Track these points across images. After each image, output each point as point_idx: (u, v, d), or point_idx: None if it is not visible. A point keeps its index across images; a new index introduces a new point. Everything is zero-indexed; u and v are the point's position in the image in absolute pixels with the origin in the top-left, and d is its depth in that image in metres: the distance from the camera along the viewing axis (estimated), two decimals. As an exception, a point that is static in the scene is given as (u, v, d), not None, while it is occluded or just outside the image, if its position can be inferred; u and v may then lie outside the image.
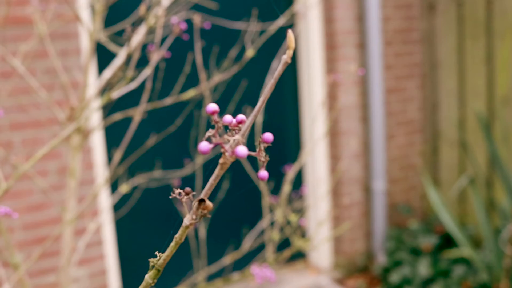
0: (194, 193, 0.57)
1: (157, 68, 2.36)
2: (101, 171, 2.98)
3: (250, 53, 1.93)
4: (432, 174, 4.15)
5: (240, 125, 0.58)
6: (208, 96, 1.94)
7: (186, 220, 0.57)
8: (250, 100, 2.81)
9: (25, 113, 2.61)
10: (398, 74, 3.96)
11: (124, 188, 2.59)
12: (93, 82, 2.52)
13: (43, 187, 2.40)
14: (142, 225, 3.23)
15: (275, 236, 2.16)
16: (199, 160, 2.52)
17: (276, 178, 2.95)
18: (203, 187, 2.68)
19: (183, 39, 1.85)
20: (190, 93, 1.95)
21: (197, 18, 1.93)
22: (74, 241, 2.53)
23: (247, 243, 2.48)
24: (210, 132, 0.55)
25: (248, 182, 2.72)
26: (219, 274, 3.25)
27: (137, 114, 1.79)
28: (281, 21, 2.12)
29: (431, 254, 3.69)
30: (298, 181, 3.68)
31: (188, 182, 2.74)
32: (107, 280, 3.05)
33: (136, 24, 1.93)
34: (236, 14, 2.88)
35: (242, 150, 0.52)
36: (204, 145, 0.53)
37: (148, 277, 0.59)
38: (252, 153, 0.57)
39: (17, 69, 2.00)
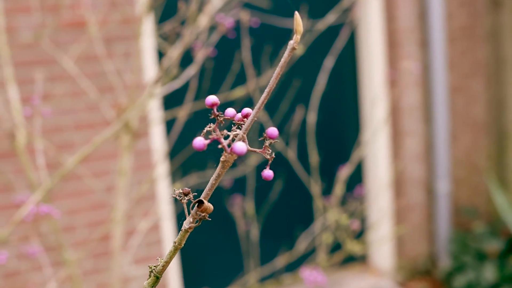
0: (195, 193, 0.53)
1: (207, 67, 2.34)
2: (160, 170, 2.99)
3: (298, 50, 1.88)
4: (498, 176, 3.99)
5: (245, 120, 0.54)
6: (256, 95, 1.91)
7: (186, 224, 0.53)
8: (303, 99, 2.75)
9: (79, 114, 2.64)
10: (463, 72, 3.82)
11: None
12: (143, 81, 2.52)
13: (98, 187, 2.42)
14: (209, 223, 3.23)
15: (327, 238, 2.11)
16: (252, 161, 2.49)
17: (334, 179, 2.88)
18: (255, 189, 2.66)
19: (229, 37, 1.82)
20: (238, 92, 1.92)
21: (245, 16, 1.90)
22: (133, 240, 2.54)
23: (300, 245, 2.43)
24: (209, 127, 0.51)
25: (301, 184, 2.66)
26: (271, 275, 3.21)
27: (182, 113, 1.77)
28: (331, 19, 2.06)
29: (497, 259, 3.54)
30: (358, 182, 3.60)
31: (240, 183, 2.71)
32: (166, 280, 3.06)
33: (185, 23, 1.91)
34: (290, 12, 2.84)
35: (240, 146, 0.48)
36: (198, 141, 0.49)
37: (147, 284, 0.55)
38: (257, 150, 0.53)
39: (69, 71, 2.02)
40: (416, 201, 3.80)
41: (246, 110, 0.54)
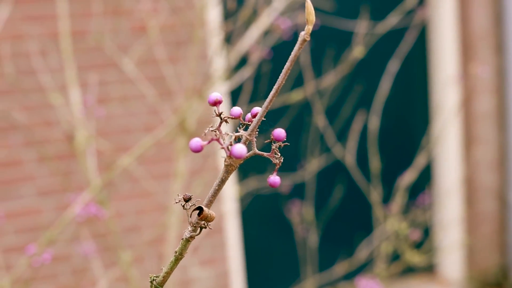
0: (198, 199, 0.49)
1: (264, 70, 2.31)
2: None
3: (357, 52, 1.82)
4: None
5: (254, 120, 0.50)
6: (315, 99, 1.86)
7: (187, 233, 0.49)
8: (366, 104, 2.68)
9: (139, 116, 2.66)
10: (541, 77, 3.63)
11: (237, 191, 2.56)
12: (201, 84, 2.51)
13: (158, 189, 2.42)
14: (267, 228, 3.19)
15: (387, 247, 2.03)
16: (313, 167, 2.44)
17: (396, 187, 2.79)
18: (315, 196, 2.61)
19: (285, 39, 1.78)
20: (296, 96, 1.87)
21: (302, 18, 1.85)
22: (196, 242, 2.53)
23: (360, 254, 2.36)
24: (212, 127, 0.47)
25: (360, 192, 2.58)
26: (328, 283, 3.14)
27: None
28: (393, 20, 1.99)
29: None
30: (422, 189, 3.48)
31: (299, 189, 2.66)
32: (230, 282, 3.04)
33: (244, 25, 1.89)
34: (354, 14, 2.77)
35: (239, 149, 0.44)
36: (195, 142, 0.45)
37: (147, 295, 0.52)
38: (265, 154, 0.48)
39: (129, 74, 2.03)
40: (488, 211, 3.64)
41: (256, 109, 0.49)
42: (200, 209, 0.47)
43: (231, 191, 2.94)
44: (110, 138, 2.54)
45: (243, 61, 1.98)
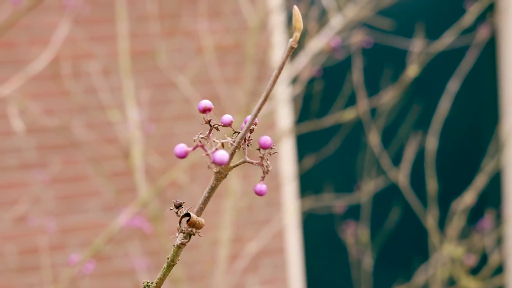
0: (191, 207, 0.49)
1: (316, 88, 2.30)
2: (288, 191, 2.97)
3: (411, 71, 1.79)
4: None
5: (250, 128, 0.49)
6: (369, 119, 1.83)
7: (178, 239, 0.49)
8: (424, 124, 2.62)
9: (192, 135, 2.69)
10: None
11: (292, 209, 2.55)
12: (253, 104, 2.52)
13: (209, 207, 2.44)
14: (322, 248, 3.15)
15: (442, 273, 1.97)
16: (369, 188, 2.40)
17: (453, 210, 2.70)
18: (371, 218, 2.56)
19: (336, 57, 1.77)
20: (349, 115, 1.85)
21: (357, 37, 1.84)
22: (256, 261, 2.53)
23: (418, 278, 2.29)
24: (202, 134, 0.47)
25: (419, 213, 2.52)
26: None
27: (283, 133, 1.74)
28: (449, 39, 1.94)
29: None
30: (482, 213, 3.35)
31: (354, 210, 2.62)
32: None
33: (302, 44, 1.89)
34: (409, 33, 2.73)
35: (220, 156, 0.43)
36: (179, 148, 0.45)
37: (141, 302, 0.52)
38: (253, 162, 0.48)
39: (184, 93, 2.07)
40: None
41: (249, 117, 0.49)
42: (188, 215, 0.47)
43: (292, 210, 2.93)
44: (167, 156, 2.59)
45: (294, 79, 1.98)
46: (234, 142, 0.47)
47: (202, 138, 0.47)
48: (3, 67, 2.68)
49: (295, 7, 0.46)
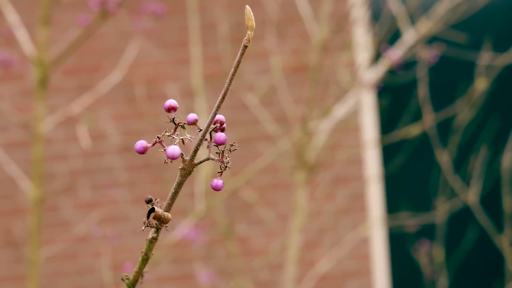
0: (157, 200, 0.51)
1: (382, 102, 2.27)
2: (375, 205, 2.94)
3: (480, 85, 1.74)
4: None
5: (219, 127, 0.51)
6: (433, 134, 1.79)
7: (150, 234, 0.51)
8: (501, 140, 2.51)
9: (253, 143, 2.71)
10: None
11: (364, 231, 2.52)
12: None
13: (270, 216, 2.45)
14: (396, 267, 3.08)
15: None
16: (443, 208, 2.34)
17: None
18: (445, 237, 2.48)
19: (397, 71, 1.75)
20: (415, 130, 1.82)
21: (423, 52, 1.82)
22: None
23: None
24: (168, 131, 0.49)
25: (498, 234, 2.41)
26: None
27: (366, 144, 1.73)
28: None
29: None
30: None
31: (428, 229, 2.55)
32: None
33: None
34: (477, 46, 2.64)
35: (172, 150, 0.45)
36: (139, 144, 0.48)
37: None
38: (215, 159, 0.49)
39: (249, 103, 2.11)
40: None
41: (219, 116, 0.51)
42: (152, 210, 0.49)
43: (380, 231, 2.89)
44: (231, 166, 2.63)
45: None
46: (201, 138, 0.48)
47: (168, 136, 0.50)
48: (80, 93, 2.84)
49: (247, 7, 0.47)
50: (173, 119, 0.50)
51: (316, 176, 2.10)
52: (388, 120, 2.31)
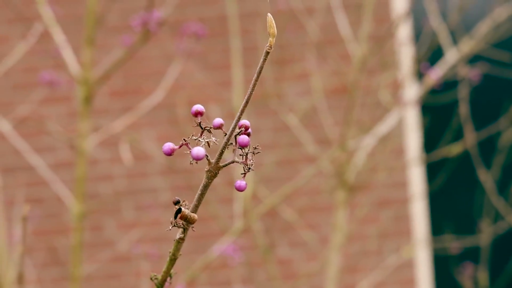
0: (185, 202, 0.53)
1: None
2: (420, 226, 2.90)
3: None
4: None
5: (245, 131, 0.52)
6: (475, 153, 1.77)
7: (177, 235, 0.53)
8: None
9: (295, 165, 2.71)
10: None
11: (407, 253, 2.48)
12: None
13: (312, 238, 2.45)
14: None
15: None
16: (489, 230, 2.30)
17: None
18: (488, 262, 2.42)
19: (437, 89, 1.74)
20: (456, 149, 1.80)
21: (463, 70, 1.81)
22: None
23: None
24: (195, 136, 0.51)
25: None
26: None
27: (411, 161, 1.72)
28: None
29: None
30: None
31: (472, 251, 2.49)
32: None
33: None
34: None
35: (196, 151, 0.47)
36: (167, 146, 0.49)
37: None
38: (239, 161, 0.51)
39: (290, 124, 2.12)
40: None
41: (243, 121, 0.52)
42: (180, 210, 0.51)
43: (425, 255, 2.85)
44: (272, 187, 2.64)
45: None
46: (226, 141, 0.50)
47: (194, 139, 0.51)
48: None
49: (269, 15, 0.49)
50: (200, 123, 0.52)
51: (356, 196, 2.09)
52: (430, 139, 2.29)
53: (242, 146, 0.49)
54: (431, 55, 2.04)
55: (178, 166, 2.77)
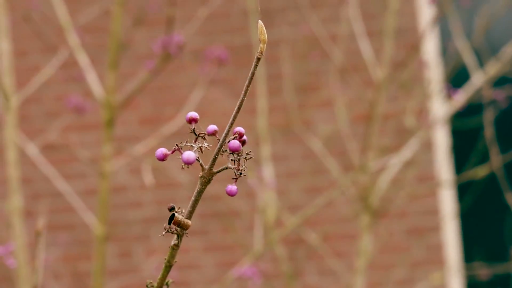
0: (180, 210, 0.53)
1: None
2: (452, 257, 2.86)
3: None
4: None
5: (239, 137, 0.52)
6: (500, 174, 1.74)
7: (172, 241, 0.53)
8: None
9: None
10: None
11: (437, 279, 2.44)
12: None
13: (340, 267, 2.42)
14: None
15: None
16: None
17: None
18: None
19: (460, 110, 1.72)
20: (482, 171, 1.78)
21: (490, 93, 1.79)
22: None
23: None
24: (189, 142, 0.51)
25: None
26: None
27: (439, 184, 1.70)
28: None
29: None
30: None
31: (504, 279, 2.44)
32: None
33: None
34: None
35: (186, 155, 0.47)
36: (159, 151, 0.50)
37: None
38: (232, 167, 0.51)
39: (315, 149, 2.12)
40: None
41: (238, 128, 0.53)
42: (173, 215, 0.51)
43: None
44: (296, 213, 2.63)
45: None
46: (219, 147, 0.50)
47: (188, 145, 0.51)
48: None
49: (260, 22, 0.49)
50: (193, 129, 0.52)
51: (385, 223, 2.07)
52: (456, 162, 2.26)
53: (233, 151, 0.49)
54: (456, 77, 2.03)
55: (205, 193, 2.77)
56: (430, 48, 2.75)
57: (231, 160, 0.50)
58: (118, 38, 1.62)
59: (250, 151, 0.51)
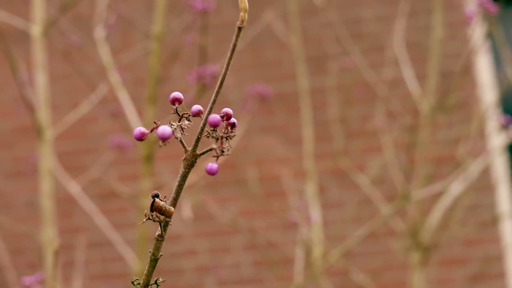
0: (166, 199, 0.50)
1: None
2: None
3: None
4: None
5: (228, 120, 0.49)
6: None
7: (157, 232, 0.50)
8: None
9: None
10: None
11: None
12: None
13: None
14: None
15: None
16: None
17: None
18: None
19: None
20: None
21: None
22: None
23: None
24: (174, 122, 0.49)
25: None
26: None
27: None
28: None
29: None
30: None
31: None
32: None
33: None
34: None
35: (161, 130, 0.44)
36: (137, 130, 0.47)
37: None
38: (215, 147, 0.47)
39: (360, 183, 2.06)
40: None
41: (226, 109, 0.50)
42: (153, 201, 0.48)
43: None
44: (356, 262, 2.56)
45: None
46: (202, 126, 0.48)
47: (172, 126, 0.49)
48: (227, 187, 2.93)
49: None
50: (176, 109, 0.49)
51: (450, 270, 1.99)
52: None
53: (213, 126, 0.46)
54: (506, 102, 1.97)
55: (259, 241, 2.75)
56: (482, 74, 2.69)
57: (213, 137, 0.47)
58: (155, 73, 1.63)
59: (234, 130, 0.48)
